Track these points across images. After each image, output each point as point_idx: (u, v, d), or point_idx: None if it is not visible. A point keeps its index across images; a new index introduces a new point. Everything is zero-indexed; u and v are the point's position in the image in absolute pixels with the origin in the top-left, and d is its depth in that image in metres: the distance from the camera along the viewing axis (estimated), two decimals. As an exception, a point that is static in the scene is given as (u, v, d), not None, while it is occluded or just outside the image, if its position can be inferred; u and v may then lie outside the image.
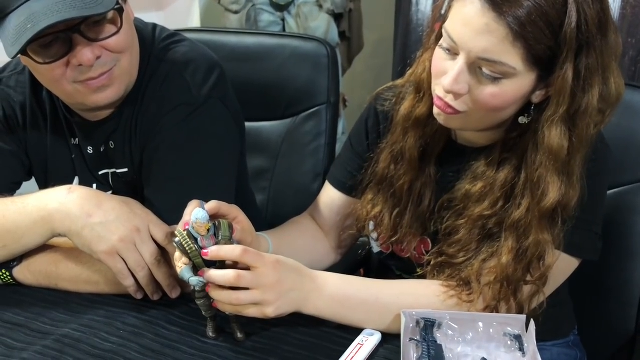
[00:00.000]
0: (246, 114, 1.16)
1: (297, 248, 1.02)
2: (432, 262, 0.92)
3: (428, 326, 0.78)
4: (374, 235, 1.03)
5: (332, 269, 1.19)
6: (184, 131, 0.95)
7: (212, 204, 0.81)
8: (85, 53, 0.85)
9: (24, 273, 0.94)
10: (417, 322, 0.79)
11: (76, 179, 1.04)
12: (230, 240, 0.78)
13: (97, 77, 0.88)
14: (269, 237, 0.96)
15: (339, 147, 1.46)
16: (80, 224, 0.87)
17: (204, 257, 0.76)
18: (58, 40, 0.85)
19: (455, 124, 0.87)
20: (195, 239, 0.76)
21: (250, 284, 0.76)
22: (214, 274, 0.76)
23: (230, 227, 0.78)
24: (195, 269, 0.78)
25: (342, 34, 2.36)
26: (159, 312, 0.88)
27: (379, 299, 0.84)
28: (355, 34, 2.40)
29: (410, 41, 2.20)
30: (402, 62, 1.63)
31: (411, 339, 0.77)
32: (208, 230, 0.76)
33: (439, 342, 0.75)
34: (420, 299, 0.84)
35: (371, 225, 1.02)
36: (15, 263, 0.94)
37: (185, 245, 0.76)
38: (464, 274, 0.86)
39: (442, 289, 0.85)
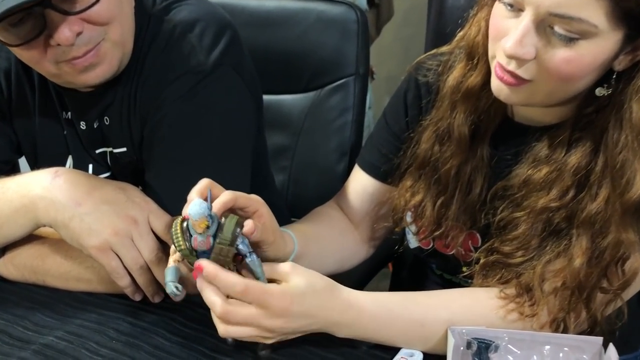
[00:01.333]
0: (265, 86, 1.02)
1: (325, 244, 0.88)
2: (481, 261, 0.77)
3: (482, 349, 0.64)
4: (412, 228, 0.88)
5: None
6: (190, 104, 0.80)
7: (226, 197, 0.65)
8: (62, 31, 0.70)
9: (7, 267, 0.82)
10: (469, 344, 0.65)
11: (69, 159, 0.90)
12: (230, 246, 0.62)
13: (83, 56, 0.73)
14: (293, 233, 0.82)
15: (365, 122, 1.33)
16: (67, 214, 0.74)
17: (196, 270, 0.63)
18: (29, 16, 0.70)
19: (519, 98, 0.71)
20: (191, 235, 0.62)
21: (257, 300, 0.63)
22: (219, 276, 0.62)
23: (238, 226, 0.63)
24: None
25: (370, 1, 2.18)
26: (159, 319, 0.75)
27: (427, 319, 0.69)
28: (385, 0, 2.22)
29: (446, 9, 1.99)
30: (435, 32, 1.45)
31: (462, 364, 0.63)
32: (208, 227, 0.61)
33: (498, 371, 0.61)
34: (477, 320, 0.69)
35: (409, 216, 0.87)
36: (-4, 256, 0.82)
37: (175, 241, 0.62)
38: (524, 279, 0.71)
39: (499, 303, 0.70)
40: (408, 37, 2.46)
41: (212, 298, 0.63)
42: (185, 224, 0.63)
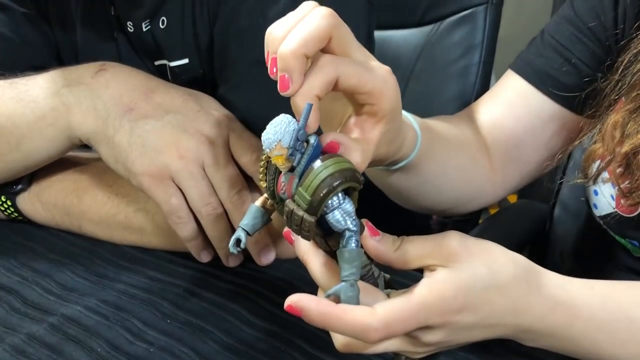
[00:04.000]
0: None
1: (452, 156, 0.57)
2: None
3: None
4: (606, 186, 0.58)
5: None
6: None
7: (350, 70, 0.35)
8: None
9: (33, 204, 0.59)
10: None
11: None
12: (310, 213, 0.33)
13: None
14: (419, 126, 0.49)
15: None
16: (112, 122, 0.50)
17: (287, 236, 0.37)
18: None
19: None
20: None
21: (412, 326, 0.35)
22: (332, 321, 0.34)
23: (338, 179, 0.33)
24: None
25: None
26: (235, 292, 0.49)
27: None
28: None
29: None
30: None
31: None
32: (292, 166, 0.34)
33: None
34: None
35: (597, 169, 0.58)
36: (19, 187, 0.59)
37: (261, 170, 0.37)
38: None
39: None
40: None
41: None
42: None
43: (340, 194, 0.33)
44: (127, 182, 0.51)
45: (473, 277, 0.36)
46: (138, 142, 0.48)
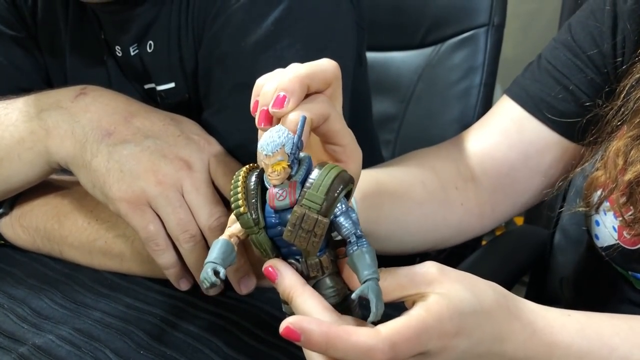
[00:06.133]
0: (369, 40, 0.75)
1: (410, 218, 0.56)
2: None
3: None
4: (610, 217, 0.56)
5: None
6: (264, 11, 0.52)
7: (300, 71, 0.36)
8: None
9: (14, 228, 0.58)
10: None
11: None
12: (322, 215, 0.33)
13: None
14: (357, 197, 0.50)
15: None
16: (90, 146, 0.49)
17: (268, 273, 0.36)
18: None
19: None
20: (264, 189, 0.35)
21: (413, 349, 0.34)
22: (335, 342, 0.32)
23: (342, 183, 0.34)
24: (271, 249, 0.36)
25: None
26: (214, 323, 0.48)
27: None
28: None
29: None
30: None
31: None
32: (290, 176, 0.34)
33: None
34: None
35: (598, 198, 0.56)
36: (0, 211, 0.58)
37: (232, 199, 0.35)
38: None
39: None
40: (527, 13, 2.11)
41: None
42: (253, 177, 0.36)
43: (344, 200, 0.34)
44: (107, 207, 0.50)
45: (462, 301, 0.36)
46: (115, 167, 0.47)
